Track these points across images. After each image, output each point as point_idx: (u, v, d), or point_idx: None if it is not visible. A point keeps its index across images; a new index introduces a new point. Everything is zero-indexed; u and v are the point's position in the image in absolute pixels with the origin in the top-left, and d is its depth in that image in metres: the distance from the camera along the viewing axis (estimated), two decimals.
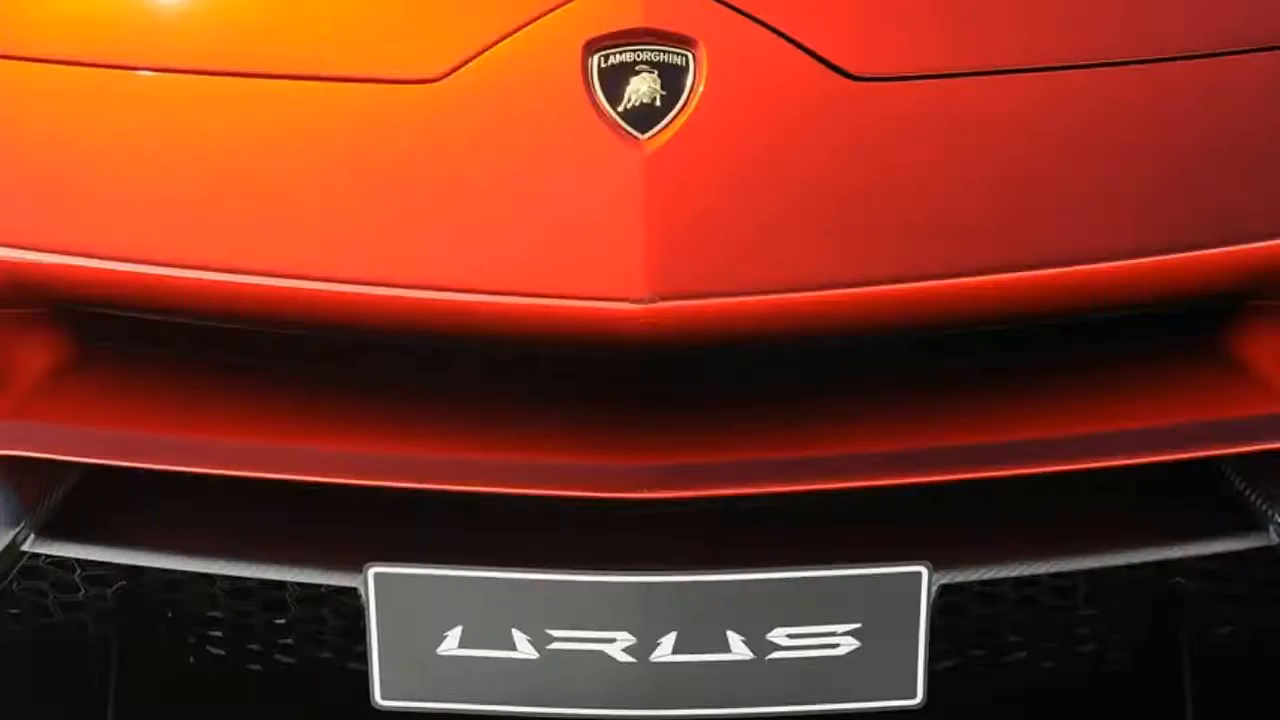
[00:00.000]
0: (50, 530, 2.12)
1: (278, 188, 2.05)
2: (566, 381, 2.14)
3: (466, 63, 2.00)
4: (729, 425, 2.09)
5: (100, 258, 2.07)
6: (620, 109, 1.98)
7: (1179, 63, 2.07)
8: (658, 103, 1.98)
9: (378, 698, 2.08)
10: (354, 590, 2.06)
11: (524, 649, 2.06)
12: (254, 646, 2.28)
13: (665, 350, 2.06)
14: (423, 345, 2.15)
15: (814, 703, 2.09)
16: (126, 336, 2.17)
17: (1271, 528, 2.09)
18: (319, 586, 2.15)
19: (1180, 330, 2.16)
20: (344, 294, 2.04)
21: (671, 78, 1.99)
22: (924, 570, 2.03)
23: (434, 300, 2.03)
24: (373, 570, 2.04)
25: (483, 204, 2.01)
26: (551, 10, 1.99)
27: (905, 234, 2.03)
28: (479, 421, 2.10)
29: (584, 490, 2.05)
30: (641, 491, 2.04)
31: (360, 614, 2.07)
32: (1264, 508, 2.09)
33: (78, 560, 2.20)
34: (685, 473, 2.05)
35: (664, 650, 2.05)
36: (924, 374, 2.15)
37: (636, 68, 1.99)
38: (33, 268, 2.07)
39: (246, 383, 2.15)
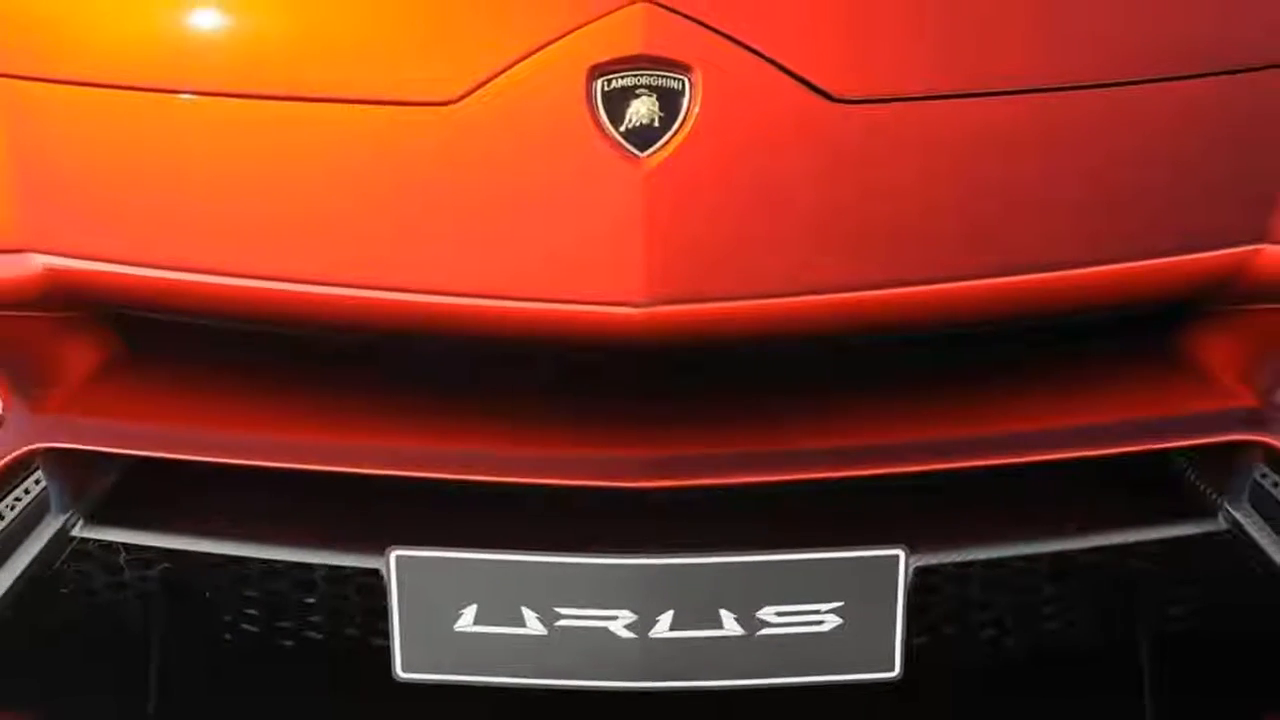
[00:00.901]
0: (98, 517, 2.16)
1: (305, 201, 2.10)
2: (572, 380, 2.18)
3: (480, 86, 2.05)
4: (722, 420, 2.13)
5: (140, 265, 2.12)
6: (622, 129, 2.03)
7: (1136, 87, 2.10)
8: (656, 123, 2.03)
9: (399, 671, 2.14)
10: (376, 571, 2.11)
11: (533, 626, 2.12)
12: (284, 624, 2.33)
13: (663, 351, 2.10)
14: (438, 347, 2.18)
15: (799, 675, 2.15)
16: (166, 339, 2.21)
17: (1220, 514, 2.14)
18: (344, 568, 2.20)
19: (1137, 333, 2.20)
20: (366, 299, 2.09)
21: (669, 100, 2.04)
22: (901, 553, 2.09)
23: (449, 305, 2.08)
24: (394, 553, 2.09)
25: (495, 216, 2.06)
26: (559, 38, 2.04)
27: (884, 244, 2.08)
28: (491, 417, 2.14)
29: (589, 480, 2.09)
30: (641, 481, 2.09)
31: (382, 593, 2.12)
32: (1213, 496, 2.15)
33: (123, 544, 2.25)
34: (681, 464, 2.10)
35: (662, 627, 2.11)
36: (902, 373, 2.19)
37: (637, 91, 2.04)
38: (78, 274, 2.12)
39: (275, 381, 2.20)
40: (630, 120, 2.04)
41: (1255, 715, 2.28)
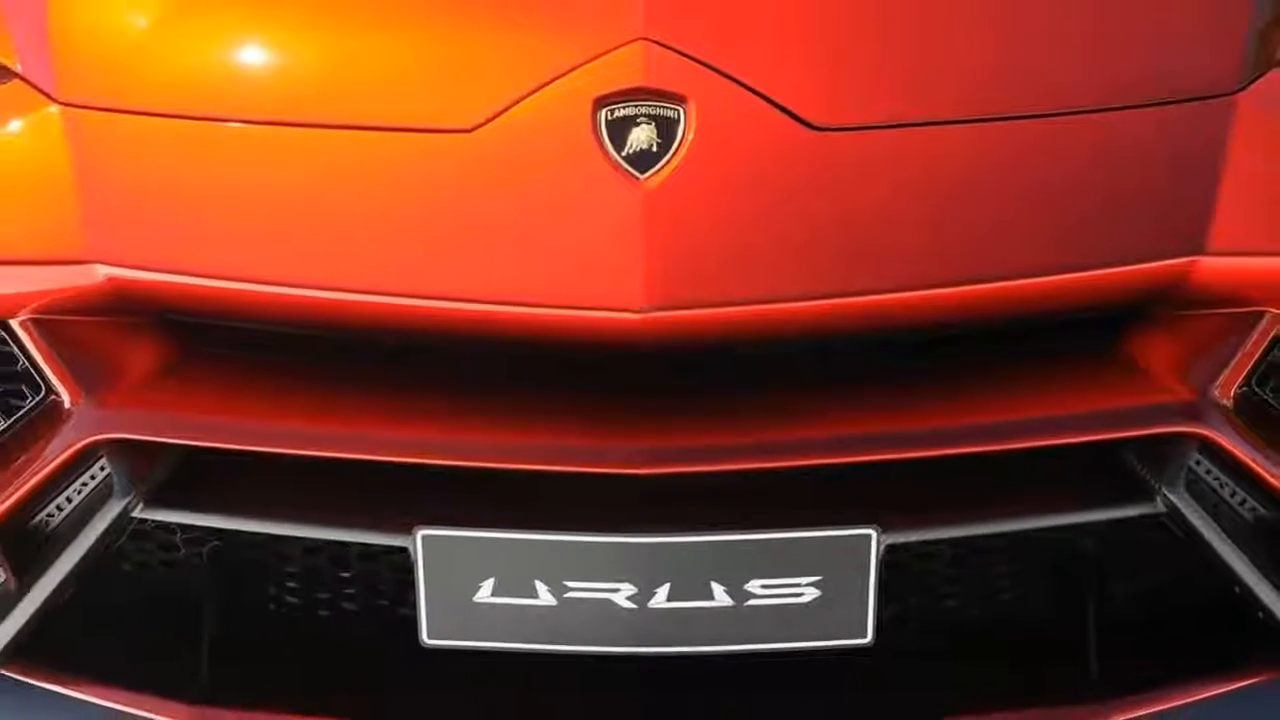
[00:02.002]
0: (155, 500, 2.22)
1: (340, 217, 2.13)
2: (579, 378, 2.22)
3: (496, 116, 2.09)
4: (714, 413, 2.19)
5: (193, 275, 2.17)
6: (623, 154, 2.08)
7: (1083, 116, 2.14)
8: (654, 149, 2.08)
9: (425, 638, 2.21)
10: (404, 549, 2.18)
11: (544, 597, 2.18)
12: (322, 595, 2.38)
13: (660, 351, 2.16)
14: (459, 348, 2.22)
15: (782, 641, 2.21)
16: (216, 341, 2.26)
17: (1159, 498, 2.21)
18: (375, 546, 2.26)
19: (1087, 336, 2.26)
20: (394, 305, 2.14)
21: (666, 128, 2.08)
22: (873, 533, 2.15)
23: (469, 310, 2.13)
24: (420, 533, 2.16)
25: (510, 231, 2.11)
26: (567, 73, 2.09)
27: (858, 256, 2.13)
28: (506, 411, 2.19)
29: (594, 468, 2.14)
30: (641, 468, 2.14)
31: (410, 569, 2.18)
32: (1153, 481, 2.22)
33: (178, 524, 2.32)
34: (677, 453, 2.15)
35: (659, 598, 2.17)
36: (875, 372, 2.25)
37: (637, 120, 2.09)
38: (137, 283, 2.18)
39: (314, 379, 2.24)
40: (631, 146, 2.09)
41: (1188, 676, 2.30)
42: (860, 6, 2.16)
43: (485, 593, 2.19)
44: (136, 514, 2.23)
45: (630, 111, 2.09)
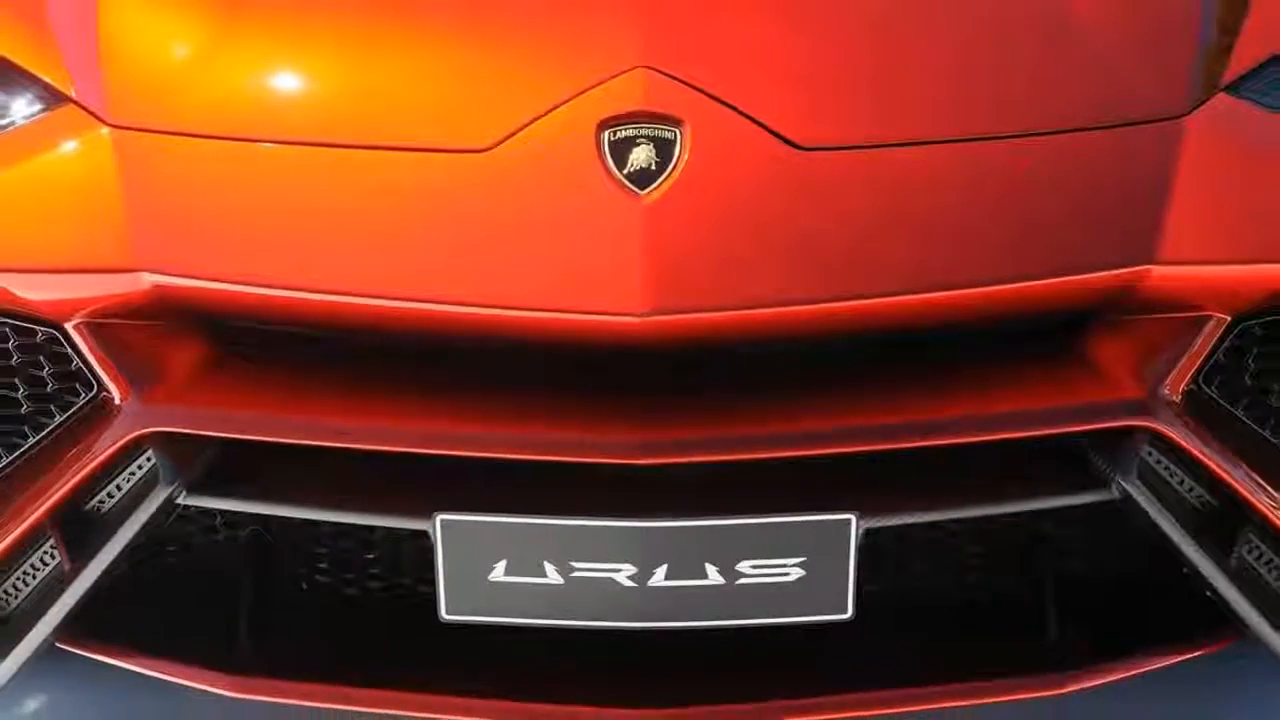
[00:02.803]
0: (197, 487, 2.29)
1: (366, 229, 2.19)
2: (584, 376, 2.26)
3: (510, 137, 2.16)
4: (709, 409, 2.24)
5: (231, 282, 2.22)
6: (625, 172, 2.15)
7: (1047, 137, 2.21)
8: (653, 167, 2.15)
9: (443, 613, 2.26)
10: (425, 532, 2.23)
11: (552, 576, 2.23)
12: (350, 574, 2.46)
13: (658, 351, 2.20)
14: (475, 349, 2.26)
15: (770, 617, 2.26)
16: (253, 342, 2.31)
17: (1114, 486, 2.28)
18: (398, 530, 2.32)
19: (1049, 338, 2.32)
20: (416, 310, 2.20)
21: (663, 148, 2.15)
22: (853, 518, 2.22)
23: (483, 315, 2.19)
24: (439, 518, 2.22)
25: (522, 241, 2.16)
26: (574, 97, 2.16)
27: (840, 264, 2.19)
28: (518, 406, 2.24)
29: (597, 458, 2.19)
30: (641, 459, 2.19)
31: (429, 550, 2.23)
32: (1107, 471, 2.29)
33: (218, 510, 2.39)
34: (675, 445, 2.21)
35: (658, 577, 2.22)
36: (857, 371, 2.30)
37: (637, 140, 2.15)
38: (180, 290, 2.24)
39: (341, 377, 2.30)
40: (632, 165, 2.15)
41: (1140, 649, 2.37)
42: (839, 40, 2.24)
43: (498, 572, 2.24)
44: (180, 500, 2.29)
45: (631, 133, 2.16)
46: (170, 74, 2.28)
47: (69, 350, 2.31)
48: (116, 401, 2.28)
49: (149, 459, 2.30)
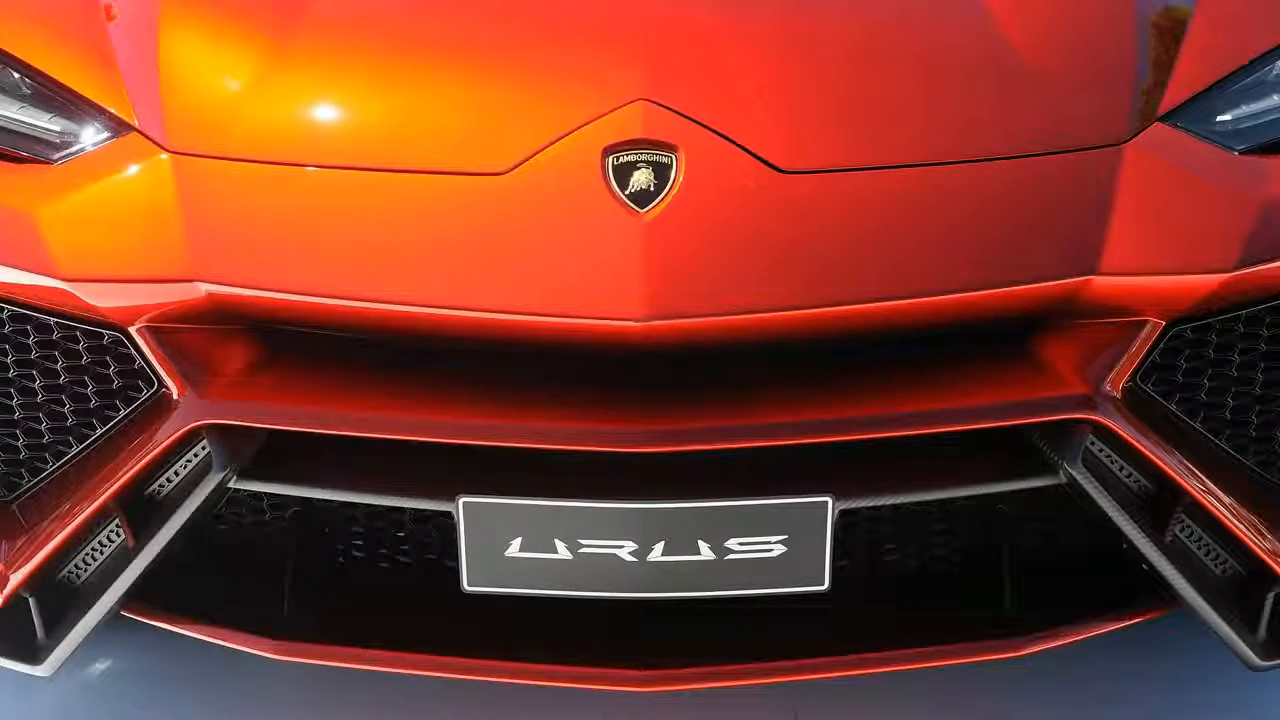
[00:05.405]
0: (247, 473, 2.38)
1: (398, 244, 2.28)
2: (589, 375, 2.36)
3: (524, 161, 2.26)
4: (702, 403, 2.34)
5: (278, 291, 2.32)
6: (626, 192, 2.24)
7: (1001, 162, 2.32)
8: (652, 188, 2.24)
9: (465, 585, 2.37)
10: (449, 513, 2.33)
11: (562, 552, 2.33)
12: (383, 550, 2.57)
13: (656, 353, 2.30)
14: (493, 350, 2.35)
15: (755, 588, 2.37)
16: (297, 344, 2.41)
17: (1061, 472, 2.38)
18: (426, 511, 2.42)
19: (1003, 340, 2.42)
20: (442, 315, 2.29)
21: (661, 171, 2.24)
22: (829, 500, 2.33)
23: (502, 320, 2.28)
24: (462, 500, 2.32)
25: (536, 253, 2.25)
26: (581, 126, 2.25)
27: (820, 275, 2.28)
28: (533, 402, 2.33)
29: (603, 447, 2.28)
30: (642, 448, 2.28)
31: (453, 529, 2.33)
32: (1055, 458, 2.39)
33: (265, 493, 2.49)
34: (671, 435, 2.29)
35: (656, 554, 2.32)
36: (834, 369, 2.40)
37: (637, 164, 2.25)
38: (231, 298, 2.33)
39: (377, 375, 2.39)
40: (633, 186, 2.24)
41: (1085, 616, 2.48)
42: (817, 76, 2.34)
43: (514, 549, 2.34)
44: (231, 485, 2.39)
45: (632, 158, 2.25)
46: (222, 106, 2.37)
47: (132, 351, 2.42)
48: (174, 397, 2.39)
49: (203, 448, 2.40)
